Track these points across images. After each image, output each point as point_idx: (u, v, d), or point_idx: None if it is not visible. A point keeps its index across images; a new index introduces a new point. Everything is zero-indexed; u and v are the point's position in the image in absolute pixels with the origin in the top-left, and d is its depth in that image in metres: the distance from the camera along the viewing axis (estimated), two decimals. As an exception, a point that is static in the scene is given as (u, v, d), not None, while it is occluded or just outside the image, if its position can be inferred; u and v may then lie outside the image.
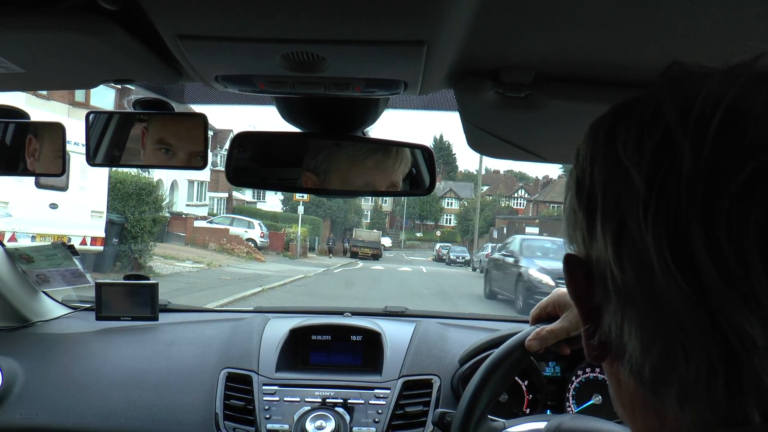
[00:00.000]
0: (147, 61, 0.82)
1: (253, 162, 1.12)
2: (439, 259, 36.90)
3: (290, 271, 17.13)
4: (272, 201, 39.82)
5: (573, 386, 1.56)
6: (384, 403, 1.50)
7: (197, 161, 1.07)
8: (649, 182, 0.39)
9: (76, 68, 0.87)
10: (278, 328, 1.70)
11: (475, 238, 34.96)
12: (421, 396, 1.52)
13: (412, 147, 1.11)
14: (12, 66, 0.82)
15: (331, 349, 1.67)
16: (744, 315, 0.36)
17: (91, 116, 1.07)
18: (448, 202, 63.80)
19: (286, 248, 26.09)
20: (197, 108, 1.14)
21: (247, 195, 38.34)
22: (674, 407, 0.42)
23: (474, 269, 27.83)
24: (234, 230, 23.29)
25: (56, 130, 1.16)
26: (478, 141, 1.14)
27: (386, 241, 42.68)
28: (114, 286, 1.73)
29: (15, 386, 1.55)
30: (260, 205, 37.88)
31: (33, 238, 9.07)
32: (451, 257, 34.04)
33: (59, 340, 1.71)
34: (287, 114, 1.09)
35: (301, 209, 27.46)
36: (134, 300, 1.73)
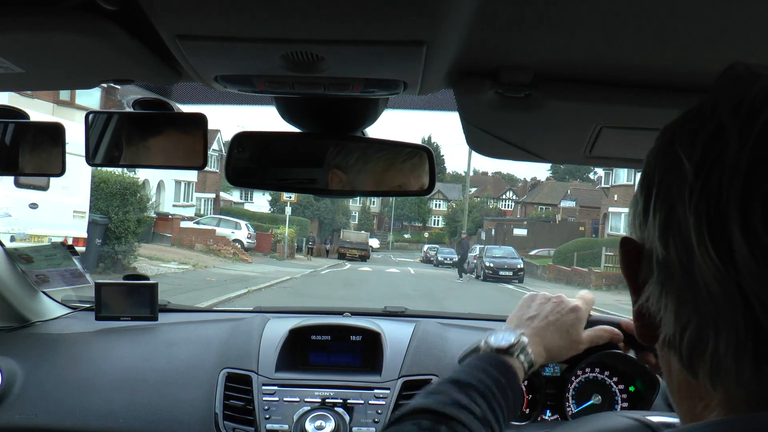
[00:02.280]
0: (146, 62, 0.82)
1: (253, 162, 1.12)
2: (426, 260, 36.60)
3: (277, 273, 16.87)
4: (260, 202, 39.36)
5: (573, 386, 1.56)
6: (384, 403, 1.50)
7: (197, 161, 1.07)
8: (697, 169, 0.43)
9: (76, 68, 0.87)
10: (278, 328, 1.70)
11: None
12: None
13: (413, 147, 1.12)
14: (11, 66, 0.82)
15: (331, 349, 1.67)
16: None
17: (90, 116, 1.07)
18: (436, 204, 63.46)
19: (274, 249, 25.78)
20: (197, 108, 1.14)
21: (234, 196, 37.80)
22: (707, 384, 0.44)
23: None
24: (221, 231, 23.02)
25: (56, 130, 1.17)
26: (477, 141, 1.14)
27: (374, 243, 42.29)
28: (113, 286, 1.73)
29: (14, 386, 1.54)
30: (248, 206, 37.36)
31: (12, 238, 8.88)
32: (439, 258, 33.82)
33: (59, 340, 1.71)
34: (287, 114, 1.09)
35: (288, 210, 26.88)
36: (134, 300, 1.73)
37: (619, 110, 0.92)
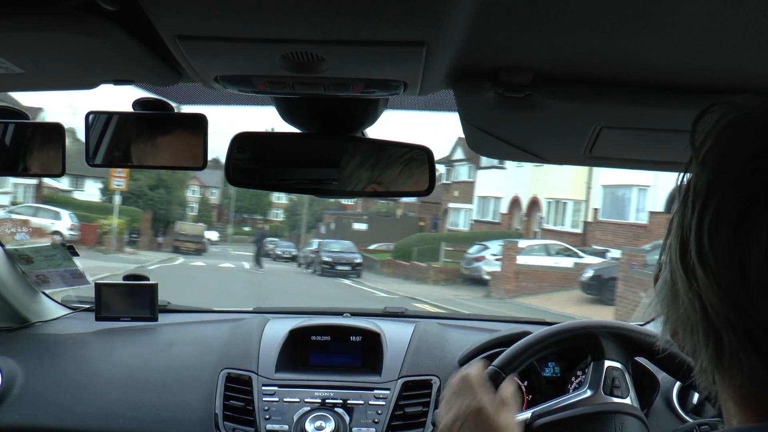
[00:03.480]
0: (147, 62, 0.82)
1: (253, 162, 1.12)
2: (265, 254, 35.13)
3: (97, 269, 14.22)
4: (91, 190, 36.08)
5: (572, 386, 1.56)
6: (383, 403, 1.50)
7: (197, 161, 1.07)
8: (682, 200, 0.50)
9: (76, 69, 0.87)
10: (278, 329, 1.70)
11: (302, 233, 33.09)
12: (421, 396, 1.52)
13: (413, 148, 1.11)
14: (12, 66, 0.82)
15: (331, 349, 1.67)
16: (721, 300, 0.45)
17: (90, 116, 1.07)
18: (277, 197, 59.58)
19: (100, 242, 22.97)
20: (197, 109, 1.14)
21: (62, 183, 34.40)
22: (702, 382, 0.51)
23: (299, 265, 26.86)
24: (37, 221, 20.16)
25: (56, 131, 1.17)
26: (477, 141, 1.14)
27: (212, 235, 40.44)
28: (113, 286, 1.73)
29: (15, 386, 1.55)
30: (77, 194, 34.31)
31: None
32: (277, 252, 32.26)
33: (59, 341, 1.71)
34: (287, 114, 1.09)
35: (117, 199, 23.68)
36: (134, 300, 1.73)
37: (619, 110, 0.92)
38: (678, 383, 1.53)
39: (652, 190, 17.16)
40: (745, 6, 0.65)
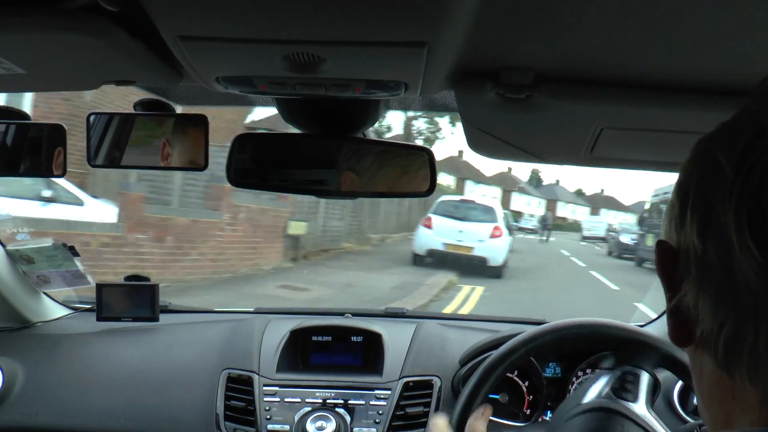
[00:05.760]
0: (148, 63, 0.82)
1: (254, 163, 1.12)
2: None
3: None
4: None
5: (573, 387, 1.56)
6: (385, 403, 1.50)
7: (197, 162, 1.07)
8: (737, 168, 0.44)
9: (77, 69, 0.87)
10: (279, 329, 1.70)
11: None
12: (422, 397, 1.53)
13: (413, 148, 1.12)
14: (13, 67, 0.82)
15: (332, 349, 1.68)
16: None
17: (92, 117, 1.08)
18: None
19: None
20: (197, 109, 1.14)
21: None
22: (745, 383, 0.44)
23: None
24: None
25: (58, 131, 1.17)
26: (478, 142, 1.14)
27: None
28: (114, 287, 1.73)
29: (15, 386, 1.55)
30: None
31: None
32: None
33: (60, 341, 1.71)
34: (288, 115, 1.09)
35: None
36: (135, 301, 1.73)
37: (620, 111, 0.92)
38: (679, 383, 1.53)
39: None
40: (747, 6, 0.65)
